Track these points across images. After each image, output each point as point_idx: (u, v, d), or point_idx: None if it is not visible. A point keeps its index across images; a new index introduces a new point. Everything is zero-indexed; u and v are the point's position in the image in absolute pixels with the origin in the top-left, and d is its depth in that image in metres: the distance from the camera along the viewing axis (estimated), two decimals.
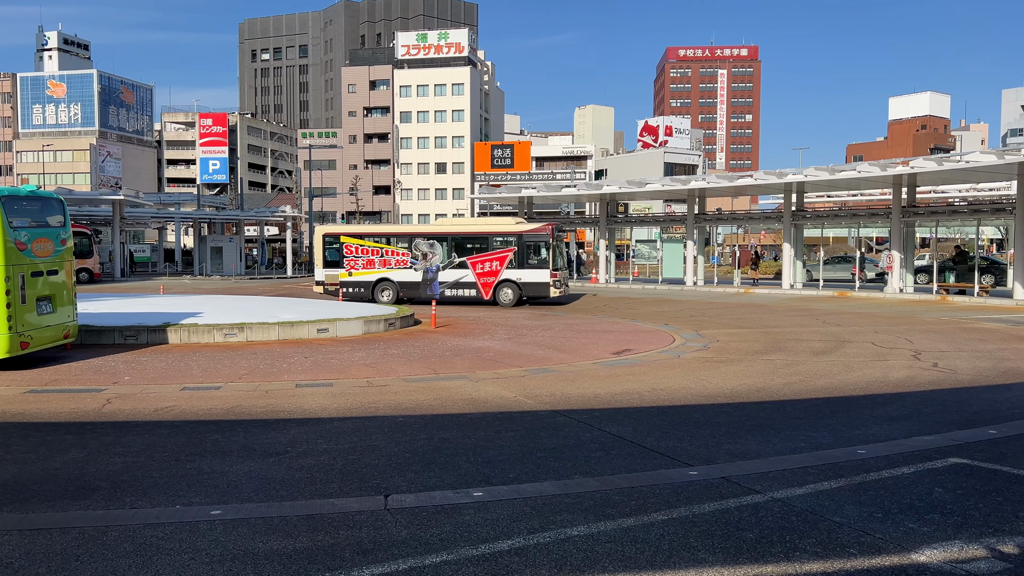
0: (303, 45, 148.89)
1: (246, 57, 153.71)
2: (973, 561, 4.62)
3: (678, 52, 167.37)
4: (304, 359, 13.08)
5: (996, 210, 30.81)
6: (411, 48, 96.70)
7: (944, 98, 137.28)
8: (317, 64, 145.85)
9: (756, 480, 6.29)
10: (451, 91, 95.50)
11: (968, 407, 9.42)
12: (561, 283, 25.76)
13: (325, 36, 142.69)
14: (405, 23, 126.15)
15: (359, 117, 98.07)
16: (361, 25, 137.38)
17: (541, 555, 4.71)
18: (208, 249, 52.61)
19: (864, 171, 30.22)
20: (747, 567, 4.54)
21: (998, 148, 33.89)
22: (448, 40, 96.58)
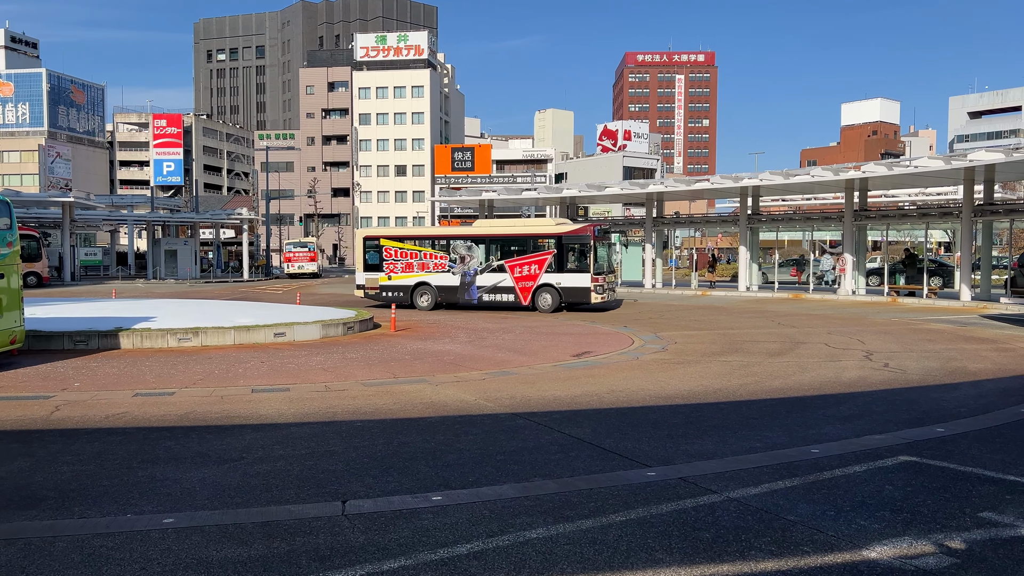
0: (260, 46, 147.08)
1: (201, 57, 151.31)
2: (922, 557, 4.73)
3: (636, 57, 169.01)
4: (260, 364, 12.89)
5: (944, 214, 31.66)
6: (370, 50, 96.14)
7: (894, 104, 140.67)
8: (274, 65, 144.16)
9: (713, 480, 6.36)
10: (411, 93, 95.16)
11: (917, 406, 9.65)
12: (604, 288, 24.12)
13: (283, 37, 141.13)
14: (364, 25, 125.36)
15: (317, 119, 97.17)
16: (319, 26, 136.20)
17: (499, 558, 4.70)
18: (162, 252, 51.62)
19: (817, 175, 30.83)
20: (703, 567, 4.59)
21: (945, 154, 34.83)
22: (408, 42, 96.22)
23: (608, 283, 24.56)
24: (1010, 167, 26.69)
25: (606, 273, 24.57)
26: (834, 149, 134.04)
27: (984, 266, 28.68)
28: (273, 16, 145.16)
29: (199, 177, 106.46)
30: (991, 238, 30.53)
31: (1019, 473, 6.53)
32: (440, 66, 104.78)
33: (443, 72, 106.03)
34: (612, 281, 25.36)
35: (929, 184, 38.65)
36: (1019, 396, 10.21)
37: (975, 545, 4.92)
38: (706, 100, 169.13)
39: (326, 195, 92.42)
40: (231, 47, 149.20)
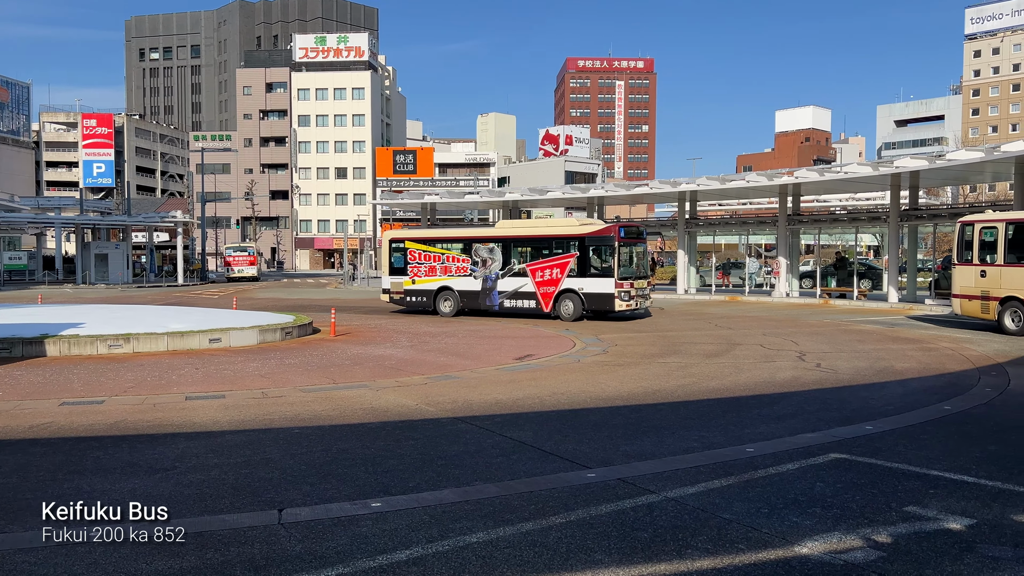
0: (195, 45, 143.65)
1: (133, 56, 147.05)
2: (850, 551, 4.87)
3: (577, 63, 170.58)
4: (195, 370, 12.58)
5: (872, 219, 32.76)
6: (309, 51, 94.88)
7: (825, 112, 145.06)
8: (210, 65, 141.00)
9: (651, 480, 6.45)
10: (351, 95, 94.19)
11: (848, 405, 9.95)
12: (631, 295, 21.83)
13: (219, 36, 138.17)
14: (303, 26, 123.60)
15: (255, 120, 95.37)
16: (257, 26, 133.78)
17: (439, 563, 4.68)
18: (92, 256, 49.95)
19: (752, 181, 31.58)
20: (641, 566, 4.64)
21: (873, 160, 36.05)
22: (348, 44, 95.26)
23: (638, 290, 22.27)
24: (933, 174, 27.80)
25: (635, 278, 22.31)
26: (769, 155, 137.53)
27: (910, 269, 29.75)
28: (209, 15, 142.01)
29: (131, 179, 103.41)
30: (916, 242, 31.70)
31: (942, 468, 6.78)
32: (381, 68, 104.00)
33: (384, 74, 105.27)
34: (643, 288, 22.72)
35: (859, 189, 39.97)
36: (942, 394, 10.62)
37: (900, 538, 5.09)
38: (645, 106, 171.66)
39: (264, 198, 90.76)
40: (165, 46, 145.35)
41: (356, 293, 40.69)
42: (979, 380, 11.72)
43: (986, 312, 18.50)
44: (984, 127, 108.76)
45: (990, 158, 23.82)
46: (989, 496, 6.00)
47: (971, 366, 13.18)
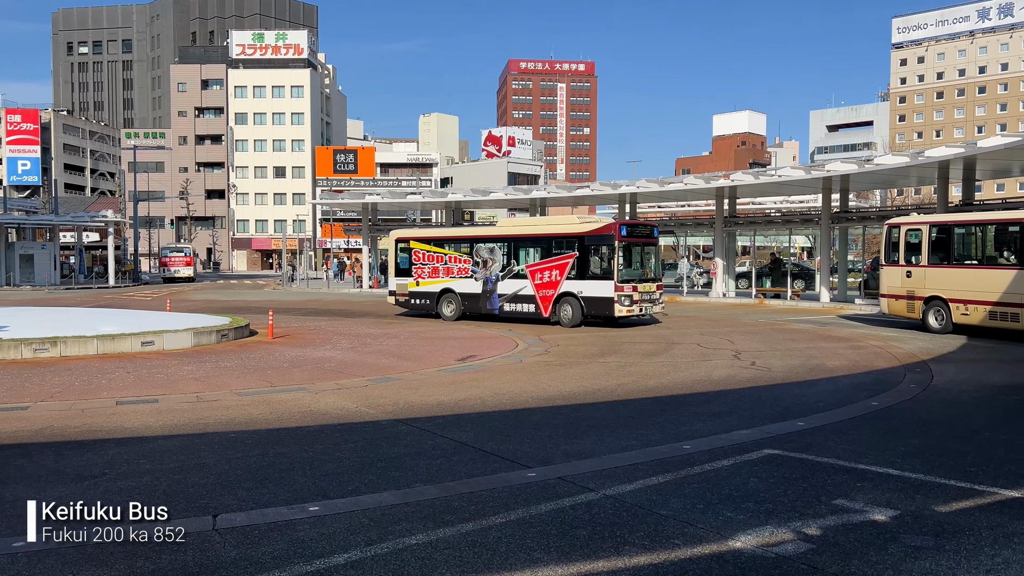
0: (127, 39, 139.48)
1: (61, 50, 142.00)
2: (782, 544, 5.00)
3: (519, 65, 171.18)
4: (127, 374, 12.21)
5: (805, 221, 33.69)
6: (247, 48, 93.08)
7: (761, 117, 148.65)
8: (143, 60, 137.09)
9: (590, 479, 6.51)
10: (290, 93, 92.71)
11: (781, 402, 10.22)
12: (634, 299, 19.74)
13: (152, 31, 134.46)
14: (240, 22, 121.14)
15: (190, 117, 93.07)
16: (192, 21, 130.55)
17: (378, 566, 4.65)
18: (16, 257, 48.03)
19: (690, 183, 32.18)
20: (580, 564, 4.69)
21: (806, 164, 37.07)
22: (287, 41, 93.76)
23: (643, 294, 20.08)
24: (862, 178, 28.76)
25: (640, 281, 20.35)
26: (707, 158, 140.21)
27: (841, 270, 30.71)
28: (141, 8, 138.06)
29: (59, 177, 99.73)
30: (847, 243, 32.73)
31: (869, 462, 7.02)
32: (321, 66, 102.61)
33: (324, 73, 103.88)
34: (650, 292, 20.43)
35: (792, 192, 41.09)
36: (870, 390, 10.99)
37: (829, 531, 5.25)
38: (587, 108, 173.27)
39: (200, 197, 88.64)
40: (94, 40, 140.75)
41: (295, 295, 40.06)
42: (905, 377, 12.17)
43: (911, 311, 19.22)
44: (910, 133, 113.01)
45: (915, 163, 24.76)
46: (912, 488, 6.24)
47: (897, 363, 13.67)
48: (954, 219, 19.62)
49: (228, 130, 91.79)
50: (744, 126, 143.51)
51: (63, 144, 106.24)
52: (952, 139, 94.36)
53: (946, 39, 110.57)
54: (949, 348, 15.82)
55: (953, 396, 10.62)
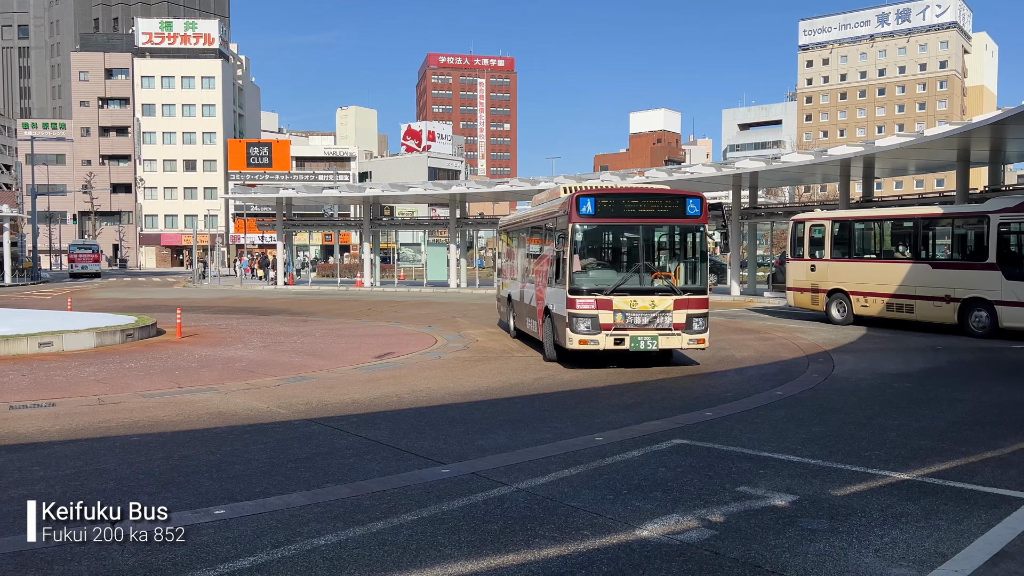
0: (23, 25, 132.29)
1: None
2: (686, 532, 5.15)
3: (439, 59, 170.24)
4: (21, 377, 11.61)
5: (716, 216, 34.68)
6: (154, 36, 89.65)
7: (676, 115, 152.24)
8: (41, 47, 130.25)
9: (504, 473, 6.55)
10: (200, 84, 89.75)
11: (690, 392, 10.51)
12: (601, 322, 11.71)
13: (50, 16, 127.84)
14: (146, 9, 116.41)
15: (93, 108, 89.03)
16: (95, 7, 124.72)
17: (284, 568, 4.56)
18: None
19: (607, 180, 32.68)
20: (490, 558, 4.71)
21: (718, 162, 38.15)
22: (196, 30, 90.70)
23: (636, 312, 11.76)
24: (770, 175, 29.81)
25: (629, 292, 11.89)
26: (624, 155, 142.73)
27: (750, 264, 31.76)
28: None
29: None
30: (756, 238, 33.87)
31: (772, 449, 7.29)
32: (233, 57, 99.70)
33: (236, 63, 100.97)
34: (652, 310, 11.80)
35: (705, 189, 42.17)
36: (775, 380, 11.41)
37: (732, 517, 5.43)
38: (507, 104, 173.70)
39: (105, 191, 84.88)
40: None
41: (207, 292, 38.86)
42: (808, 367, 12.68)
43: (816, 304, 20.03)
44: (816, 132, 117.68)
45: (819, 161, 25.82)
46: (811, 473, 6.51)
47: (802, 354, 14.23)
48: (854, 215, 20.54)
49: (135, 121, 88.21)
50: (660, 124, 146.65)
51: None
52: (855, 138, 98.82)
53: (849, 42, 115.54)
54: (850, 339, 16.56)
55: (852, 384, 11.13)
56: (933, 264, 17.57)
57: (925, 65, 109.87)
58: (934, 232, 18.16)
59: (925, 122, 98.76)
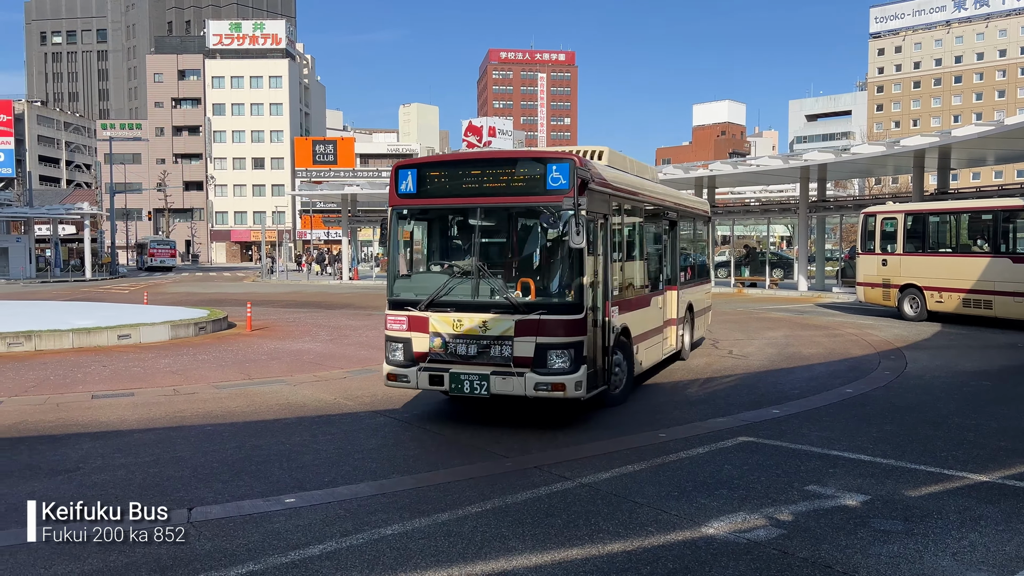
0: (101, 29, 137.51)
1: (34, 39, 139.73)
2: (754, 530, 5.07)
3: (500, 54, 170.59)
4: (102, 368, 12.10)
5: (783, 210, 33.94)
6: (224, 38, 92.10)
7: (740, 106, 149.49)
8: (118, 50, 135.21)
9: (566, 467, 6.55)
10: (268, 84, 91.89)
11: (757, 389, 10.32)
12: (413, 349, 8.23)
13: (127, 20, 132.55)
14: (217, 11, 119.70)
15: (167, 108, 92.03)
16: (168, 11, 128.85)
17: (353, 557, 4.66)
18: None
19: (669, 173, 32.27)
20: (554, 552, 4.73)
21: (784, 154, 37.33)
22: (264, 31, 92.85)
23: (461, 338, 8.01)
24: (839, 167, 29.00)
25: (457, 307, 8.14)
26: (687, 148, 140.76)
27: (818, 259, 30.96)
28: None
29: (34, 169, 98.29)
30: (824, 232, 33.02)
31: (842, 448, 7.11)
32: (299, 56, 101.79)
33: (303, 63, 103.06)
34: (479, 332, 7.92)
35: (771, 182, 41.33)
36: (845, 378, 11.12)
37: (800, 516, 5.32)
38: (567, 99, 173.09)
39: (177, 189, 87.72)
40: (68, 29, 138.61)
41: (274, 287, 39.82)
42: (879, 364, 12.31)
43: (887, 299, 19.43)
44: (888, 122, 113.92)
45: (891, 152, 25.00)
46: (883, 473, 6.33)
47: (872, 351, 13.83)
48: (929, 207, 19.84)
49: (206, 121, 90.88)
50: (724, 116, 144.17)
51: (37, 135, 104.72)
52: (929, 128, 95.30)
53: (923, 29, 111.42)
54: (923, 335, 16.02)
55: (926, 383, 10.77)
56: (1014, 258, 16.84)
57: (1005, 51, 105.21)
58: (1015, 225, 17.40)
59: (1005, 110, 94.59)
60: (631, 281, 9.85)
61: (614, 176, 9.22)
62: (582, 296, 7.70)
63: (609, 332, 8.51)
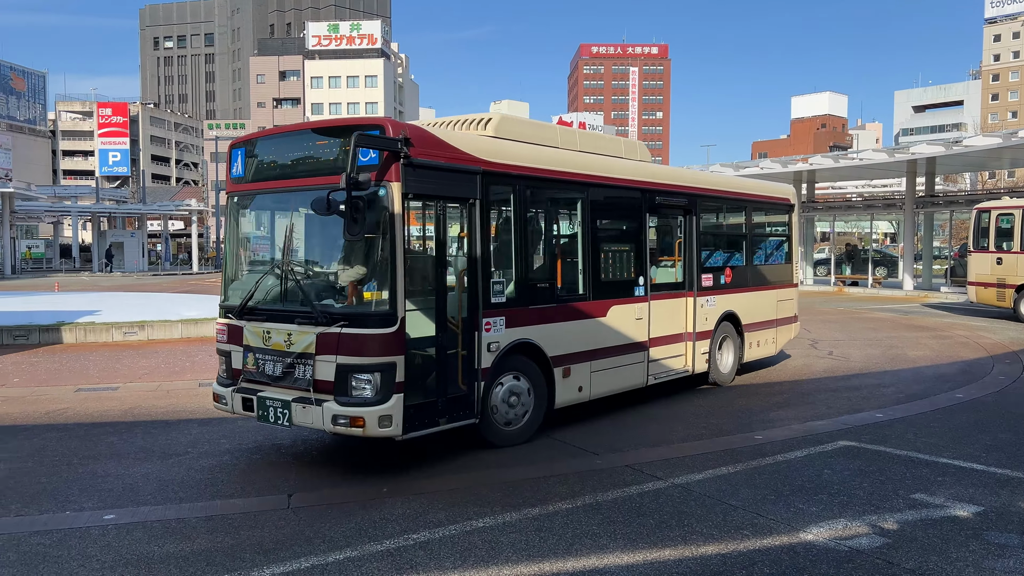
0: (209, 33, 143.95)
1: (148, 44, 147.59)
2: (856, 538, 4.87)
3: (591, 49, 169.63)
4: (208, 357, 12.67)
5: (888, 205, 32.49)
6: (322, 39, 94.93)
7: (842, 98, 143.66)
8: (224, 53, 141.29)
9: (658, 467, 6.46)
10: (364, 83, 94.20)
11: (858, 392, 9.91)
12: (232, 366, 6.87)
13: (232, 24, 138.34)
14: (316, 13, 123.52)
15: (268, 108, 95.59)
16: (270, 14, 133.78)
17: (445, 548, 4.72)
18: (108, 244, 50.35)
19: (766, 167, 31.37)
20: (646, 552, 4.67)
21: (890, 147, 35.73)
22: (361, 31, 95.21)
23: (266, 356, 6.55)
24: (949, 160, 27.53)
25: (264, 316, 6.71)
26: (784, 141, 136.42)
27: (925, 256, 29.51)
28: (222, 2, 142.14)
29: (147, 167, 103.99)
30: (932, 229, 31.43)
31: (951, 456, 6.76)
32: (394, 55, 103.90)
33: (397, 62, 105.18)
34: (283, 354, 6.42)
35: (874, 176, 39.63)
36: (954, 382, 10.56)
37: (907, 525, 5.09)
38: (660, 92, 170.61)
39: None
40: (179, 34, 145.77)
41: None
42: (992, 368, 11.64)
43: (1002, 300, 18.35)
44: (1004, 112, 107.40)
45: (1007, 144, 23.56)
46: (998, 483, 5.98)
47: (985, 354, 13.08)
48: None
49: (305, 120, 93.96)
50: (824, 108, 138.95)
51: (150, 136, 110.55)
52: None
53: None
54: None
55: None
56: None
57: None
58: None
59: None
60: (546, 284, 7.63)
61: (495, 149, 7.03)
62: (395, 304, 5.96)
63: (479, 351, 6.63)
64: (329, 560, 4.53)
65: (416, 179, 6.15)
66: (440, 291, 6.41)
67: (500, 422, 6.98)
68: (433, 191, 6.40)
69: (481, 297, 6.67)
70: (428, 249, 6.62)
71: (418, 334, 6.31)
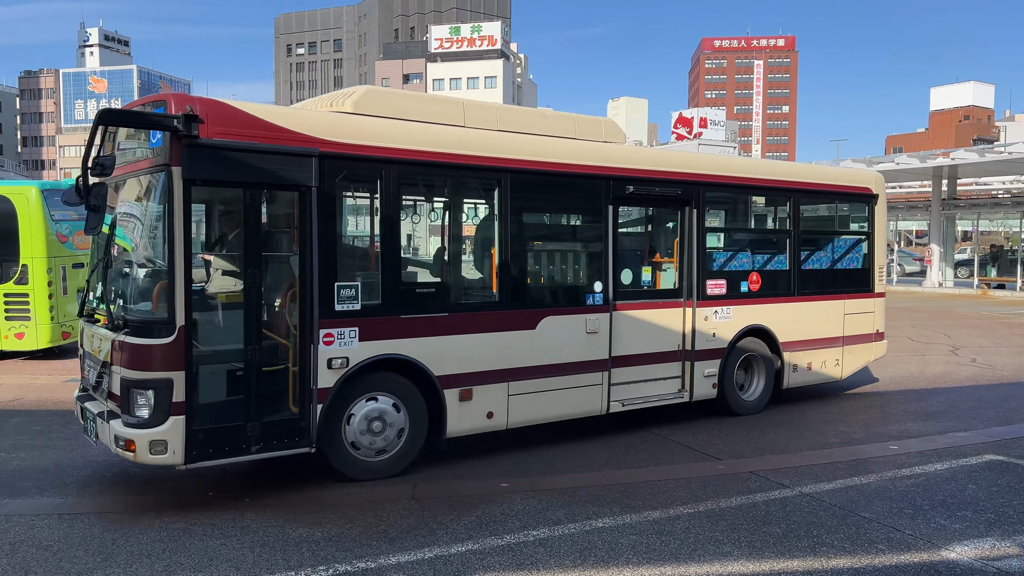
0: (337, 39, 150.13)
1: (281, 51, 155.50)
2: (1005, 559, 4.55)
3: (713, 43, 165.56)
4: None
5: None
6: (444, 41, 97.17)
7: (988, 88, 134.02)
8: (351, 58, 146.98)
9: (785, 474, 6.24)
10: (484, 84, 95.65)
11: (1007, 403, 9.23)
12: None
13: (359, 30, 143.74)
14: (438, 16, 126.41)
15: None
16: (395, 19, 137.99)
17: (565, 546, 4.73)
18: None
19: (903, 163, 29.68)
20: (773, 561, 4.52)
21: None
22: (481, 33, 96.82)
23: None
24: None
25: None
26: (922, 135, 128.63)
27: None
28: (351, 10, 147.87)
29: None
30: None
31: None
32: (513, 56, 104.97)
33: (516, 62, 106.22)
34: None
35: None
36: None
37: None
38: (786, 86, 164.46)
39: None
40: (309, 41, 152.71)
41: None
42: None
43: None
44: None
45: None
46: None
47: None
48: None
49: None
50: (968, 99, 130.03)
51: None
52: None
53: None
54: None
55: None
56: None
57: None
58: None
59: None
60: (432, 289, 6.61)
61: (344, 128, 5.86)
62: (173, 311, 5.15)
63: (315, 367, 5.61)
64: (452, 552, 4.63)
65: (211, 163, 5.25)
66: (253, 296, 5.43)
67: (366, 450, 5.93)
68: (241, 177, 5.41)
69: (317, 303, 5.61)
70: (232, 247, 5.75)
71: (216, 347, 5.53)
